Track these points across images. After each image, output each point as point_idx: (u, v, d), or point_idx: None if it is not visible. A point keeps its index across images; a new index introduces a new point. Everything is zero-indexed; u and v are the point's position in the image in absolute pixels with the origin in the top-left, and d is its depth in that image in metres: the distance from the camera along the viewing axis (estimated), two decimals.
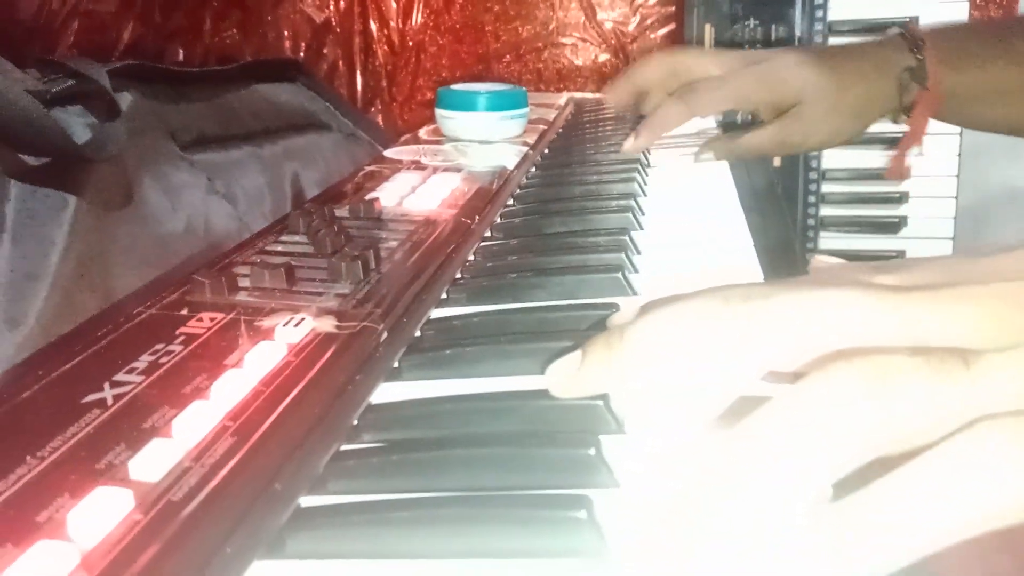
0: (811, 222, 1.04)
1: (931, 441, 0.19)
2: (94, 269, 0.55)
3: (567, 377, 0.28)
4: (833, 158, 1.02)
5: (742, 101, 0.63)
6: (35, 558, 0.21)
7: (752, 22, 1.00)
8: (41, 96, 0.55)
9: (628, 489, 0.24)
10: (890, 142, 0.97)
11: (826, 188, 1.03)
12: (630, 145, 0.66)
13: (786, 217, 0.98)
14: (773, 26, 1.01)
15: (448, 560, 0.22)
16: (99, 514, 0.23)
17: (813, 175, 1.03)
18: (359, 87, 1.15)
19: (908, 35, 0.61)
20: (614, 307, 0.34)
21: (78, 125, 0.61)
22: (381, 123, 1.15)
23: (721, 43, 1.01)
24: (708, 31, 1.00)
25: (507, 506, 0.22)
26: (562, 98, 0.92)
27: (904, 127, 0.63)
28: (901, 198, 1.02)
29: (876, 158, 1.00)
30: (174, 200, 0.68)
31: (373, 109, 1.16)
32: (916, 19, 0.98)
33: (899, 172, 0.80)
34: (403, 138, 0.75)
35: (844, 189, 1.03)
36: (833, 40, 1.00)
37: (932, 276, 0.23)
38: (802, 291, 0.23)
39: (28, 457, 0.26)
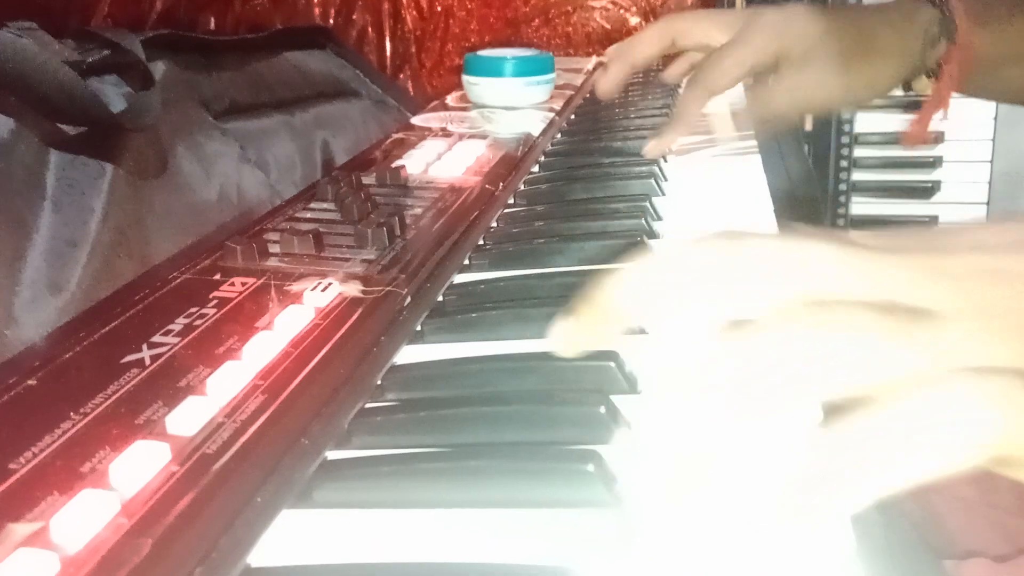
0: (843, 187, 1.03)
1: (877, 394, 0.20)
2: (131, 236, 0.57)
3: (566, 337, 0.29)
4: (866, 122, 1.01)
5: (760, 58, 0.57)
6: (80, 505, 0.23)
7: None
8: (77, 67, 0.57)
9: (638, 445, 0.25)
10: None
11: (858, 152, 1.02)
12: (654, 147, 0.59)
13: (814, 183, 0.97)
14: None
15: (465, 509, 0.23)
16: (138, 465, 0.24)
17: (845, 139, 1.01)
18: (388, 53, 1.16)
19: None
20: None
21: (113, 95, 0.63)
22: (410, 89, 1.15)
23: (754, 4, 0.99)
24: None
25: (521, 459, 0.23)
26: (590, 63, 0.92)
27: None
28: (935, 163, 1.00)
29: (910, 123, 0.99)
30: (207, 168, 0.69)
31: (402, 75, 1.16)
32: None
33: (919, 137, 0.74)
34: (430, 105, 0.75)
35: (877, 153, 1.02)
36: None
37: (911, 243, 0.23)
38: (779, 241, 0.23)
39: (71, 413, 0.28)
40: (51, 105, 0.54)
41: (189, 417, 0.27)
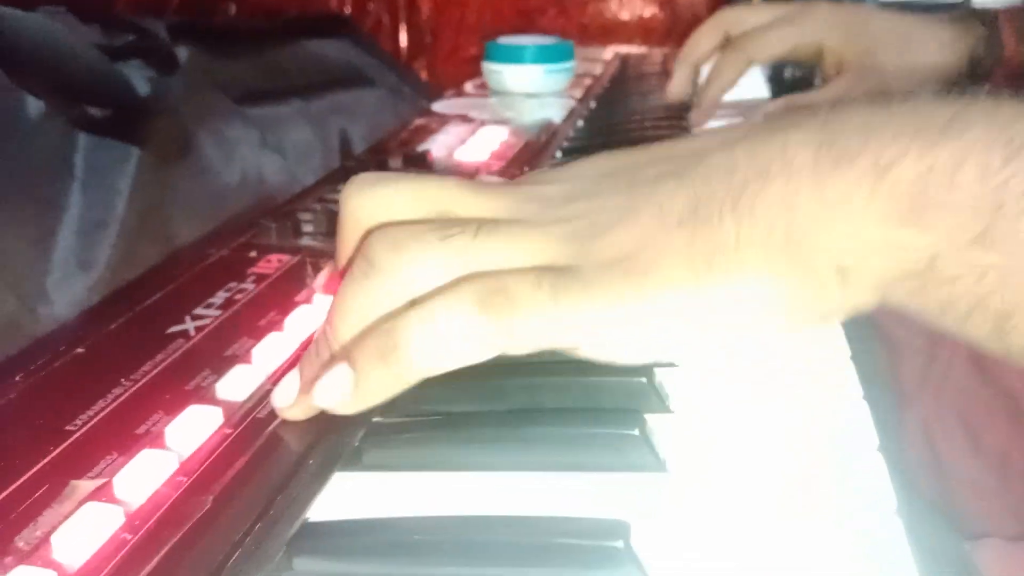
0: None
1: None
2: (157, 217, 0.58)
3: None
4: None
5: (803, 40, 0.58)
6: (140, 463, 0.23)
7: None
8: (105, 51, 0.57)
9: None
10: None
11: None
12: (697, 118, 0.62)
13: None
14: None
15: (511, 472, 0.24)
16: (193, 427, 0.25)
17: None
18: (403, 43, 1.16)
19: (977, 9, 0.60)
20: None
21: (138, 79, 0.63)
22: (424, 79, 1.16)
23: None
24: None
25: (568, 423, 0.24)
26: (608, 53, 0.92)
27: None
28: None
29: None
30: (229, 153, 0.70)
31: (416, 65, 1.17)
32: (967, 1, 0.95)
33: None
34: (448, 92, 0.76)
35: None
36: None
37: (540, 176, 0.28)
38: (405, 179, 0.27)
39: (122, 379, 0.28)
40: (81, 87, 0.55)
41: (238, 384, 0.28)
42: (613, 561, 0.19)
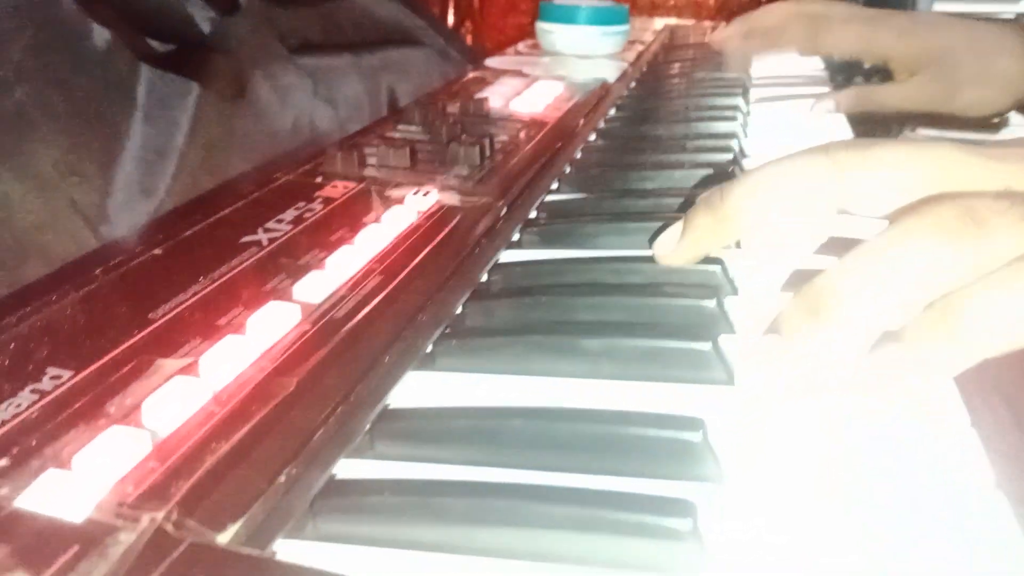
0: None
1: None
2: (214, 153, 0.59)
3: (672, 245, 0.30)
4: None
5: (875, 43, 0.59)
6: (224, 347, 0.24)
7: None
8: None
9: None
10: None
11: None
12: (718, 35, 0.63)
13: None
14: None
15: (583, 380, 0.24)
16: (274, 321, 0.26)
17: None
18: (451, 7, 1.16)
19: None
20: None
21: (200, 18, 0.64)
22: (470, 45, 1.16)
23: None
24: None
25: (637, 335, 0.24)
26: (659, 24, 0.92)
27: None
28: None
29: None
30: (283, 98, 0.70)
31: (463, 30, 1.17)
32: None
33: None
34: (503, 51, 0.76)
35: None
36: (938, 6, 0.96)
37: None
38: (901, 144, 0.24)
39: (200, 277, 0.29)
40: (148, 20, 0.56)
41: (314, 287, 0.28)
42: (691, 454, 0.20)
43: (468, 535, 0.19)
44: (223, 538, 0.18)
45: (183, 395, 0.22)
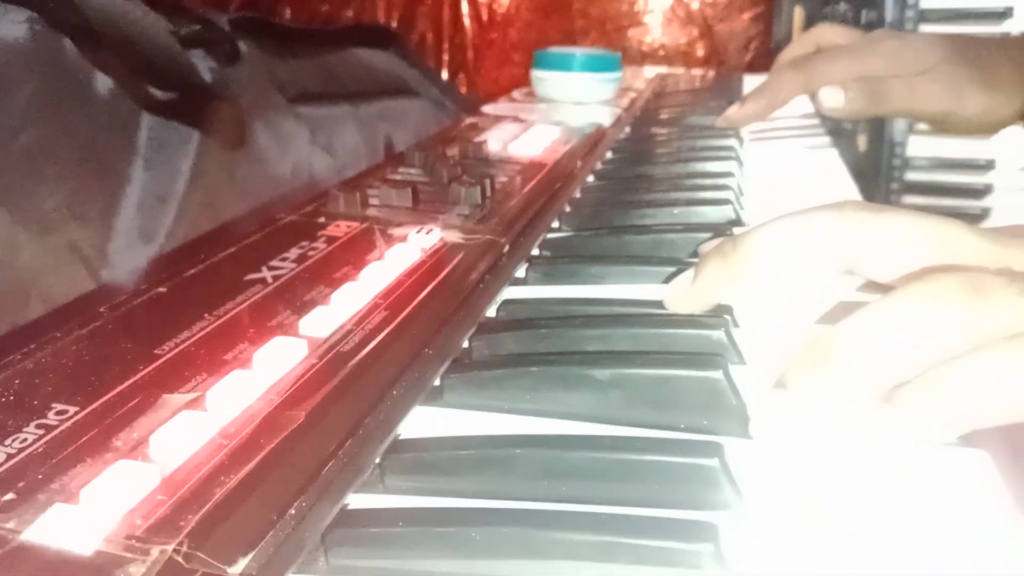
0: None
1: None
2: (214, 198, 0.59)
3: (683, 291, 0.30)
4: (918, 146, 1.01)
5: (868, 71, 0.56)
6: (231, 382, 0.24)
7: (843, 5, 1.00)
8: (175, 36, 0.59)
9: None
10: None
11: (909, 176, 1.02)
12: (734, 113, 0.59)
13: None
14: (864, 11, 1.00)
15: (591, 423, 0.24)
16: (280, 356, 0.26)
17: (897, 161, 1.02)
18: (445, 59, 1.18)
19: None
20: (729, 230, 0.36)
21: (202, 68, 0.65)
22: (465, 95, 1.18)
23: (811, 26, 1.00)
24: (798, 13, 1.00)
25: (649, 364, 0.24)
26: (651, 72, 0.94)
27: None
28: (985, 190, 1.00)
29: (960, 147, 0.99)
30: (283, 146, 0.71)
31: (456, 81, 1.19)
32: (1010, 9, 0.96)
33: None
34: (498, 99, 0.77)
35: (927, 178, 1.02)
36: (924, 28, 0.99)
37: None
38: (910, 213, 0.26)
39: (205, 314, 0.29)
40: (150, 68, 0.56)
41: (321, 322, 0.28)
42: (708, 480, 0.20)
43: (485, 566, 0.18)
44: (234, 570, 0.18)
45: (190, 429, 0.22)
